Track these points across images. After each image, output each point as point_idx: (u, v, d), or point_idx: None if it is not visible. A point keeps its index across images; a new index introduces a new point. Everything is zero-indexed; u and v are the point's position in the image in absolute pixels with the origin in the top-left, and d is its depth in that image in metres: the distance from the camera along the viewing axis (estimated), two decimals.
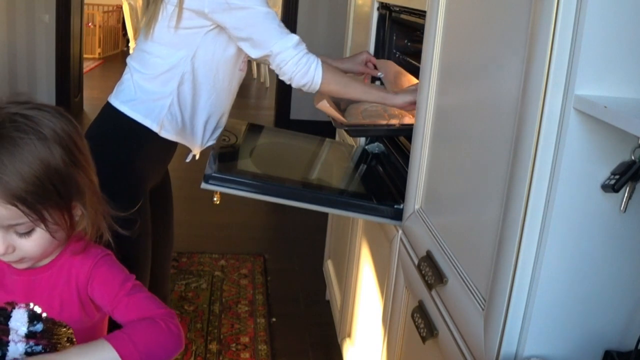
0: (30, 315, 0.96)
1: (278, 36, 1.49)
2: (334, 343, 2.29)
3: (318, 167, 1.87)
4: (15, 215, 0.85)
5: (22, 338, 0.97)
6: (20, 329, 0.96)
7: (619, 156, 0.80)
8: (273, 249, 3.19)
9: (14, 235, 0.88)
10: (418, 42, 1.54)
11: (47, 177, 0.86)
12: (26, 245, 0.89)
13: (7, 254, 0.89)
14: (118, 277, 0.97)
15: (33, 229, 0.89)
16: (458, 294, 1.05)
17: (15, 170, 0.84)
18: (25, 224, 0.87)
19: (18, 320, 0.96)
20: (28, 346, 0.97)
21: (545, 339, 0.87)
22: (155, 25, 1.52)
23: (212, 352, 2.28)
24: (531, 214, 0.84)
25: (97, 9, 9.12)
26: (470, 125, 1.09)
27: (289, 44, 1.49)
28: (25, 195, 0.85)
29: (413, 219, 1.36)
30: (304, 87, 1.55)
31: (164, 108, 1.52)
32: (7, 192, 0.84)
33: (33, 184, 0.85)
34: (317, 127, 2.69)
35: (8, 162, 0.84)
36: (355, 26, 2.46)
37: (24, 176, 0.85)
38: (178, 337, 0.91)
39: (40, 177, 0.86)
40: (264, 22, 1.47)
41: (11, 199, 0.84)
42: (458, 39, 1.18)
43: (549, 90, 0.79)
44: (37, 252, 0.91)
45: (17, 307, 0.96)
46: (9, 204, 0.84)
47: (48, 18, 5.19)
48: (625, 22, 0.76)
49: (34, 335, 0.97)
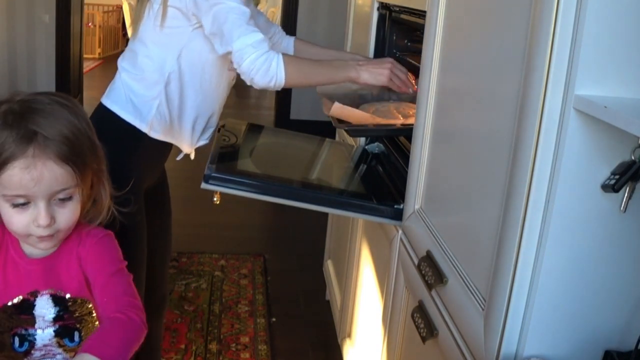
0: (54, 299, 0.99)
1: (240, 33, 1.44)
2: (334, 343, 2.29)
3: (318, 167, 1.87)
4: (66, 178, 0.92)
5: (50, 323, 1.00)
6: (46, 315, 0.99)
7: (619, 156, 0.80)
8: (273, 249, 3.20)
9: (54, 206, 0.94)
10: (418, 42, 1.54)
11: (82, 138, 0.95)
12: (63, 215, 0.95)
13: (51, 225, 0.94)
14: (108, 256, 1.03)
15: (71, 196, 0.95)
16: (458, 294, 1.05)
17: (60, 133, 0.92)
18: (68, 189, 0.94)
19: (43, 307, 0.99)
20: (55, 329, 1.00)
21: (545, 339, 0.87)
22: (142, 24, 1.51)
23: (212, 352, 2.28)
24: (531, 214, 0.84)
25: (97, 9, 9.12)
26: (470, 125, 1.09)
27: (248, 42, 1.44)
28: (73, 156, 0.92)
29: (413, 219, 1.36)
30: (268, 86, 1.50)
31: (153, 108, 1.52)
32: (61, 152, 0.91)
33: (75, 144, 0.93)
34: (317, 127, 2.69)
35: (50, 127, 0.91)
36: (355, 26, 2.46)
37: (68, 137, 0.92)
38: (139, 325, 0.95)
39: (79, 137, 0.94)
40: (230, 18, 1.43)
41: (66, 159, 0.91)
42: (458, 39, 1.18)
43: (549, 90, 0.79)
44: (69, 223, 0.97)
45: (40, 295, 0.99)
46: (65, 164, 0.91)
47: (48, 18, 5.18)
48: (625, 22, 0.76)
49: (62, 317, 1.00)
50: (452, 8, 1.20)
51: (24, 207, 0.92)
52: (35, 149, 0.90)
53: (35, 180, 0.90)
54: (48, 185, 0.91)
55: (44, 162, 0.90)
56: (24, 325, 0.99)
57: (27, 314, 0.99)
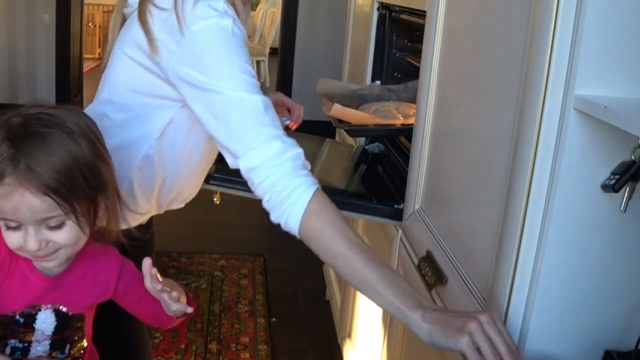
0: (57, 315, 0.99)
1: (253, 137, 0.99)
2: (334, 343, 2.29)
3: (318, 167, 1.87)
4: (49, 207, 0.87)
5: (47, 337, 0.99)
6: (47, 330, 0.99)
7: (619, 156, 0.80)
8: (273, 249, 3.19)
9: (45, 230, 0.90)
10: (418, 42, 1.54)
11: (77, 168, 0.89)
12: (59, 237, 0.91)
13: (42, 248, 0.91)
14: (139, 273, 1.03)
15: (63, 222, 0.91)
16: (458, 294, 1.05)
17: (47, 162, 0.86)
18: (56, 217, 0.89)
19: (44, 322, 0.98)
20: (51, 342, 1.00)
21: (545, 339, 0.87)
22: (109, 72, 1.13)
23: (212, 352, 2.28)
24: (531, 214, 0.84)
25: (97, 9, 9.11)
26: (470, 125, 1.09)
27: (265, 155, 0.97)
28: (58, 186, 0.87)
29: (413, 218, 1.36)
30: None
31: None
32: (41, 183, 0.86)
33: (64, 175, 0.87)
34: (317, 127, 2.68)
35: (39, 155, 0.86)
36: (355, 26, 2.46)
37: (56, 167, 0.87)
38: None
39: (71, 168, 0.88)
40: (237, 112, 0.99)
41: (45, 190, 0.86)
42: (458, 39, 1.18)
43: (549, 90, 0.79)
44: (70, 242, 0.93)
45: (44, 309, 0.98)
46: (44, 195, 0.86)
47: (48, 18, 5.18)
48: (625, 22, 0.76)
49: (60, 333, 1.00)
50: (452, 8, 1.20)
51: (15, 229, 0.89)
52: (14, 177, 0.85)
53: (15, 210, 0.86)
54: (29, 214, 0.87)
55: (22, 193, 0.85)
56: (20, 337, 0.98)
57: (27, 326, 0.98)
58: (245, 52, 1.02)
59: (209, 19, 1.00)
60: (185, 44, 1.00)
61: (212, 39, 1.00)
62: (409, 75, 2.03)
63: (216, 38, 1.00)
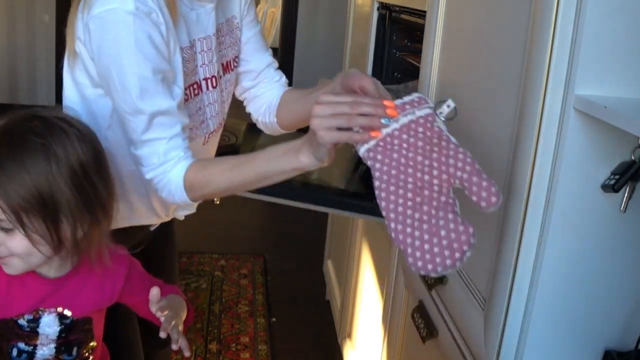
0: (60, 319, 0.99)
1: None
2: (334, 343, 2.29)
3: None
4: None
5: (52, 340, 0.99)
6: (50, 334, 0.99)
7: (619, 156, 0.80)
8: (273, 249, 3.19)
9: (1, 232, 0.90)
10: (418, 42, 1.54)
11: (35, 186, 0.88)
12: (11, 243, 0.91)
13: None
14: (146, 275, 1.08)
15: (13, 229, 0.90)
16: (458, 294, 1.05)
17: (6, 168, 0.87)
18: (4, 220, 0.89)
19: (48, 325, 0.98)
20: (56, 345, 1.00)
21: (545, 338, 0.87)
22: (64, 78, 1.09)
23: (212, 352, 2.28)
24: (531, 214, 0.84)
25: None
26: (470, 126, 1.09)
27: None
28: (12, 197, 0.87)
29: None
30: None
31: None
32: None
33: (19, 185, 0.87)
34: None
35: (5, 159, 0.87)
36: (355, 26, 2.46)
37: (13, 176, 0.87)
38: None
39: (29, 184, 0.87)
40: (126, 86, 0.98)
41: None
42: (458, 39, 1.18)
43: (549, 90, 0.79)
44: (20, 252, 0.91)
45: (47, 313, 0.98)
46: None
47: (48, 18, 5.18)
48: (625, 22, 0.76)
49: (64, 336, 1.00)
50: (452, 8, 1.20)
51: None
52: None
53: None
54: None
55: None
56: (25, 341, 0.98)
57: (31, 330, 0.98)
58: (149, 45, 0.95)
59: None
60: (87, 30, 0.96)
61: (107, 28, 0.93)
62: (409, 75, 2.03)
63: (111, 28, 0.94)
